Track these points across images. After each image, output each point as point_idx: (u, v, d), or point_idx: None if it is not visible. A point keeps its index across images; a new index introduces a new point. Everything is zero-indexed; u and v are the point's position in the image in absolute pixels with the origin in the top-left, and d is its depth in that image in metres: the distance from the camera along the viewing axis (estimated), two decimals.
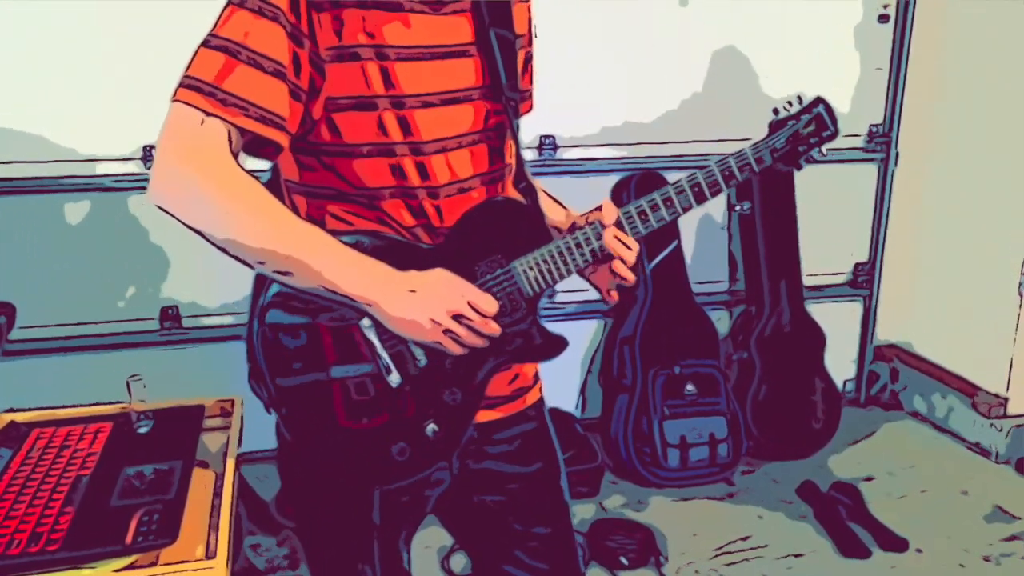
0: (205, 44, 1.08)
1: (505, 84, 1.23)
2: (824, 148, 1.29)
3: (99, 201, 2.65)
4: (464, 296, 1.15)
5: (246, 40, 1.06)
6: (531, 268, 1.23)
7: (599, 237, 1.25)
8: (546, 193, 1.41)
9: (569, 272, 1.26)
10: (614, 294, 1.31)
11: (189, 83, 1.06)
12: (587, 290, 1.34)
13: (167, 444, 1.41)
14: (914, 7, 3.15)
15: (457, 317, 1.14)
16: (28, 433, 1.44)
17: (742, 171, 1.26)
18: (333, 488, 1.27)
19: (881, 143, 3.28)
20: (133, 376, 1.47)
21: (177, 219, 1.08)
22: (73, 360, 2.71)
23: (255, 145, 1.12)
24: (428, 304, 1.13)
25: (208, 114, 1.05)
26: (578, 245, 1.25)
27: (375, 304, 1.12)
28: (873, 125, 3.26)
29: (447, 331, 1.14)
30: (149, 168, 2.59)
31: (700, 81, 3.05)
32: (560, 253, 1.24)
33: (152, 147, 2.58)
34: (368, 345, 1.17)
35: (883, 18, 3.17)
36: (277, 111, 1.09)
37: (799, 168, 1.30)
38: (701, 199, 1.26)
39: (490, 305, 1.16)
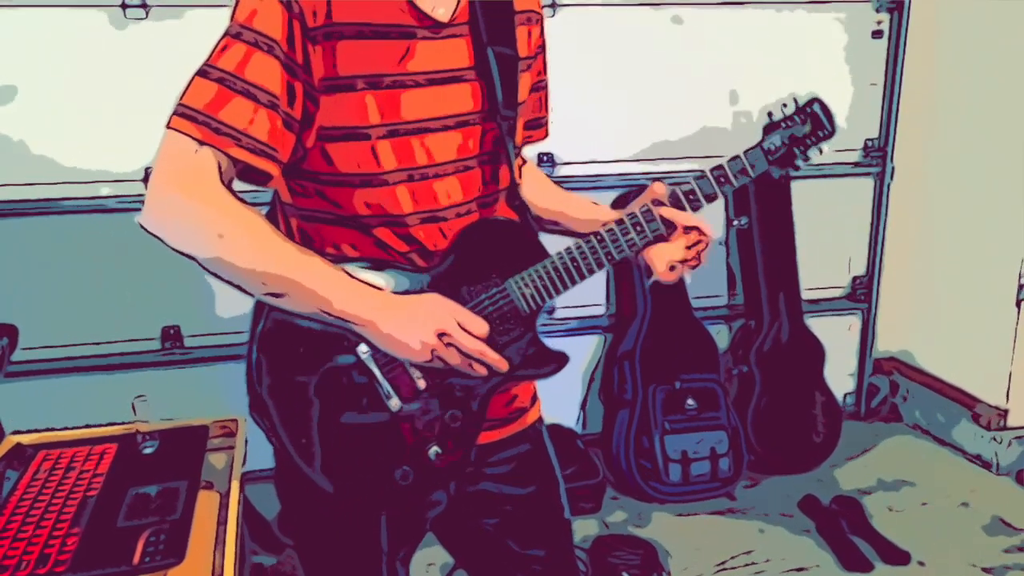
0: (201, 74, 1.09)
1: (501, 102, 1.23)
2: (823, 147, 1.28)
3: (101, 222, 2.66)
4: (453, 317, 1.15)
5: (241, 71, 1.08)
6: (526, 285, 1.23)
7: (648, 218, 1.25)
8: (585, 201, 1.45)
9: (579, 278, 1.25)
10: (673, 274, 1.30)
11: (183, 112, 1.08)
12: (587, 306, 1.35)
13: (172, 464, 1.42)
14: (907, 23, 3.18)
15: (443, 336, 1.14)
16: (34, 455, 1.45)
17: (737, 177, 1.26)
18: (336, 514, 1.26)
19: (877, 157, 3.30)
20: (139, 396, 1.48)
21: (167, 244, 1.09)
22: (75, 381, 2.71)
23: (247, 173, 1.13)
24: (418, 325, 1.14)
25: (201, 143, 1.07)
26: (618, 235, 1.25)
27: (368, 325, 1.13)
28: (869, 139, 3.28)
29: (436, 351, 1.14)
30: None
31: (696, 98, 3.07)
32: (564, 264, 1.24)
33: None
34: (367, 371, 1.18)
35: (876, 34, 3.20)
36: (269, 142, 1.10)
37: (796, 169, 1.29)
38: (696, 205, 1.27)
39: (479, 327, 1.16)
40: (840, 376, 3.39)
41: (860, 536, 2.63)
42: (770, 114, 1.30)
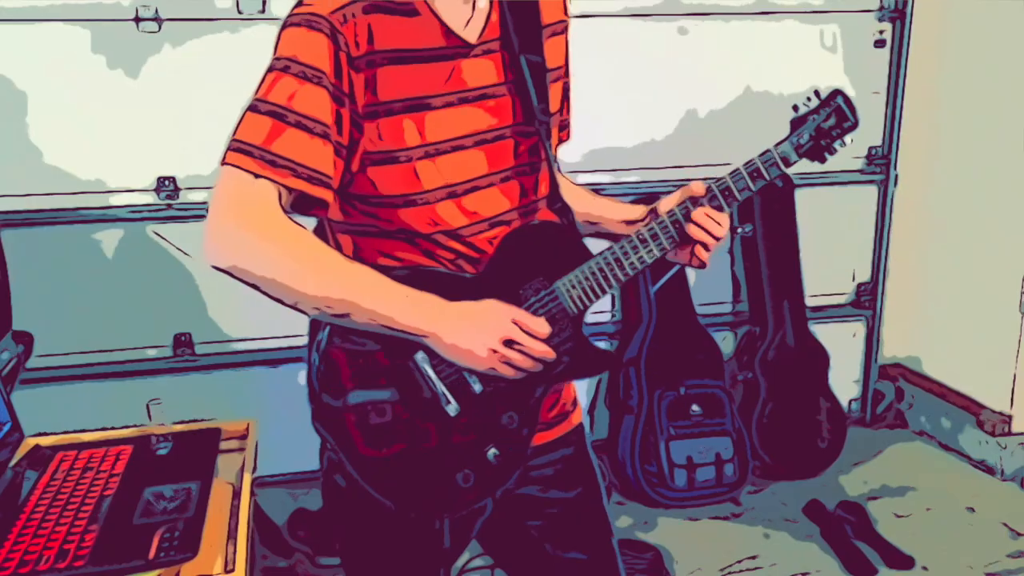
0: (252, 109, 1.12)
1: (537, 108, 1.26)
2: (848, 139, 1.32)
3: (113, 232, 2.71)
4: (516, 321, 1.18)
5: (292, 104, 1.11)
6: (573, 287, 1.27)
7: (687, 216, 1.28)
8: (612, 200, 1.48)
9: (623, 277, 1.28)
10: (702, 258, 1.32)
11: (238, 147, 1.10)
12: (593, 312, 1.38)
13: (186, 465, 1.45)
14: (910, 32, 3.20)
15: (509, 342, 1.17)
16: (52, 456, 1.49)
17: (769, 170, 1.29)
18: (401, 522, 1.28)
19: (880, 165, 3.32)
20: (153, 400, 1.51)
21: (234, 276, 1.11)
22: (89, 387, 2.75)
23: (302, 203, 1.15)
24: (481, 332, 1.16)
25: (258, 176, 1.10)
26: (659, 232, 1.29)
27: (431, 335, 1.16)
28: (872, 147, 3.31)
29: (501, 357, 1.17)
30: (163, 199, 2.69)
31: (700, 107, 3.10)
32: (608, 264, 1.27)
33: (166, 178, 2.68)
34: (424, 378, 1.21)
35: (879, 43, 3.23)
36: (324, 171, 1.13)
37: (823, 161, 1.33)
38: (731, 202, 1.30)
39: (541, 327, 1.19)
40: (845, 382, 3.41)
41: (864, 541, 2.64)
42: (795, 107, 1.34)
